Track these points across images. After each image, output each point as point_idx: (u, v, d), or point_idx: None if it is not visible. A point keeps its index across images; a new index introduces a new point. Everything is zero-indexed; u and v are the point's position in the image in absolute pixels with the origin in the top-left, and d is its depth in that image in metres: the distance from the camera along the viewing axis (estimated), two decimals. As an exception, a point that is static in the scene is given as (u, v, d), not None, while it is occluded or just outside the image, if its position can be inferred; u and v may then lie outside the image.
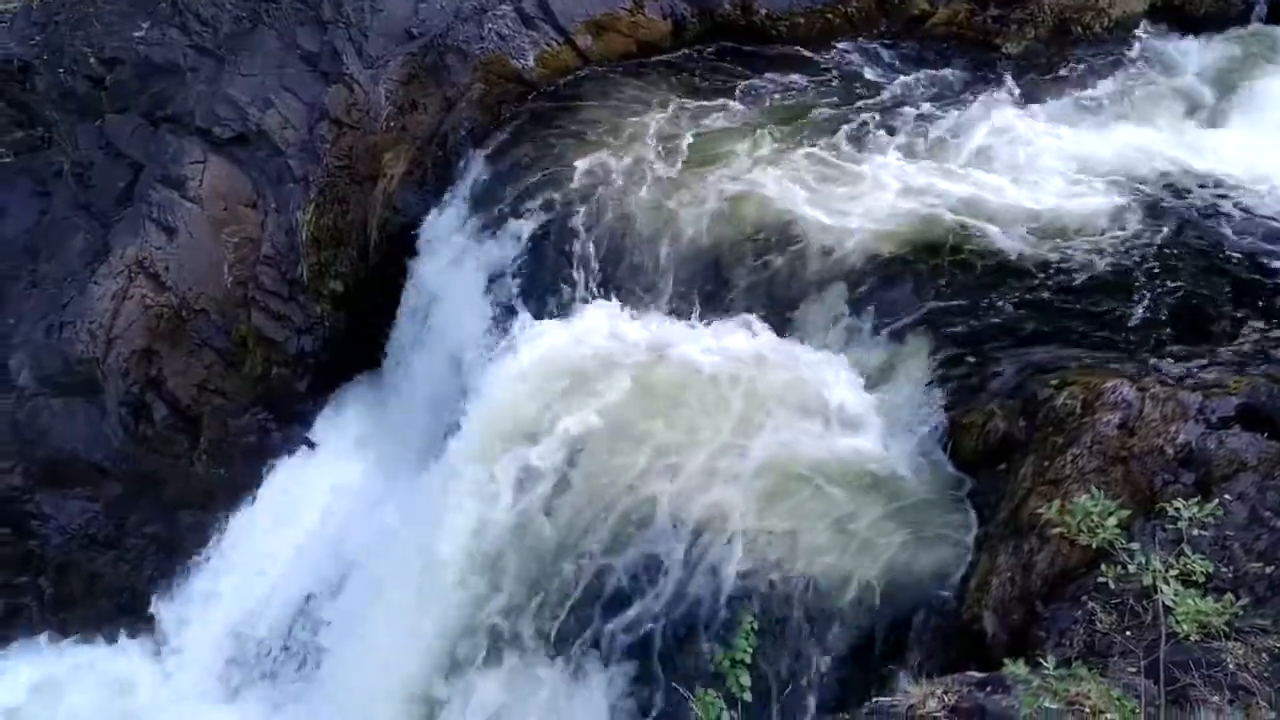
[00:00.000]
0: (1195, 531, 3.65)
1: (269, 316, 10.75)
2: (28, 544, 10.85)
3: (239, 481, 10.61)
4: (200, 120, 10.94)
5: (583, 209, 8.66)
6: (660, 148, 9.19)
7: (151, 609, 10.46)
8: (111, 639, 10.59)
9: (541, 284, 8.48)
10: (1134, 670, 4.10)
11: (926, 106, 9.71)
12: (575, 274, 8.32)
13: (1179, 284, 7.44)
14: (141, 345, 10.65)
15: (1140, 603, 4.44)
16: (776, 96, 10.04)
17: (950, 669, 4.89)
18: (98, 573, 10.78)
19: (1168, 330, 7.05)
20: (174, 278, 10.68)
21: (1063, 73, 10.23)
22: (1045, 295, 7.43)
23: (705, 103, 9.89)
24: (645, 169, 8.91)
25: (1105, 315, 7.22)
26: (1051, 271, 7.62)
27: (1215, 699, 3.84)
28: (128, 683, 10.30)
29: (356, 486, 10.30)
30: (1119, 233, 7.99)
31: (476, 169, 9.57)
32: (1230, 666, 4.05)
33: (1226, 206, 8.24)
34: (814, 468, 6.59)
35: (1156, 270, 7.58)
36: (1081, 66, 10.31)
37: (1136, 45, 10.56)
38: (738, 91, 10.08)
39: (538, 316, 8.09)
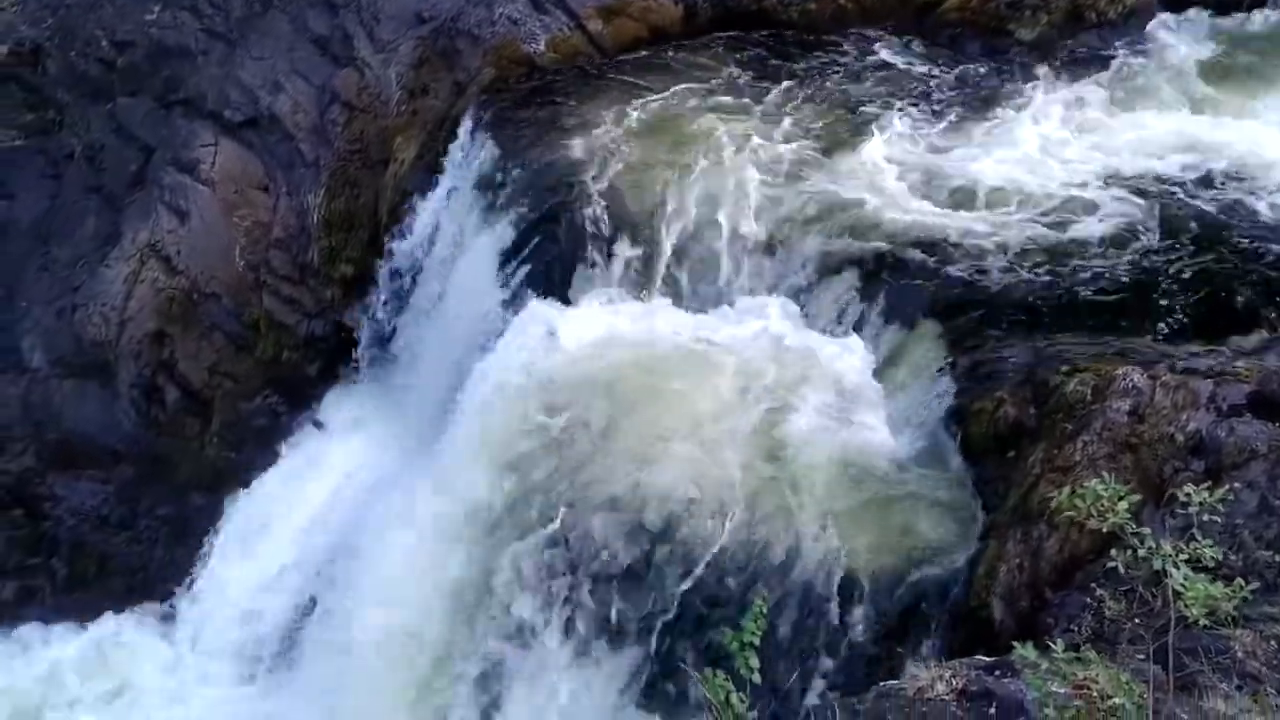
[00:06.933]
0: (1205, 518, 3.64)
1: (280, 300, 10.78)
2: (40, 526, 10.89)
3: (250, 464, 10.65)
4: (212, 104, 10.96)
5: (589, 192, 8.65)
6: (667, 132, 9.17)
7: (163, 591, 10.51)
8: (124, 620, 10.63)
9: (547, 267, 8.47)
10: (1142, 656, 4.10)
11: (941, 93, 9.71)
12: (580, 257, 8.31)
13: (1191, 273, 7.44)
14: (153, 328, 10.69)
15: (1149, 589, 4.42)
16: (785, 83, 10.01)
17: (959, 656, 4.89)
18: (110, 554, 10.82)
19: (1180, 319, 7.03)
20: (185, 261, 10.70)
21: (1077, 59, 10.19)
22: (1059, 282, 7.42)
23: (712, 88, 9.87)
24: (650, 154, 8.89)
25: (1118, 304, 7.20)
26: (1065, 259, 7.61)
27: (1223, 685, 3.84)
28: (139, 665, 10.32)
29: (364, 466, 10.31)
30: (1132, 222, 7.99)
31: (486, 152, 9.55)
32: (1239, 654, 4.05)
33: (1237, 196, 8.25)
34: (825, 455, 6.59)
35: (1170, 259, 7.58)
36: (1095, 53, 10.27)
37: (1151, 30, 10.53)
38: (746, 79, 10.04)
39: (543, 299, 8.08)
